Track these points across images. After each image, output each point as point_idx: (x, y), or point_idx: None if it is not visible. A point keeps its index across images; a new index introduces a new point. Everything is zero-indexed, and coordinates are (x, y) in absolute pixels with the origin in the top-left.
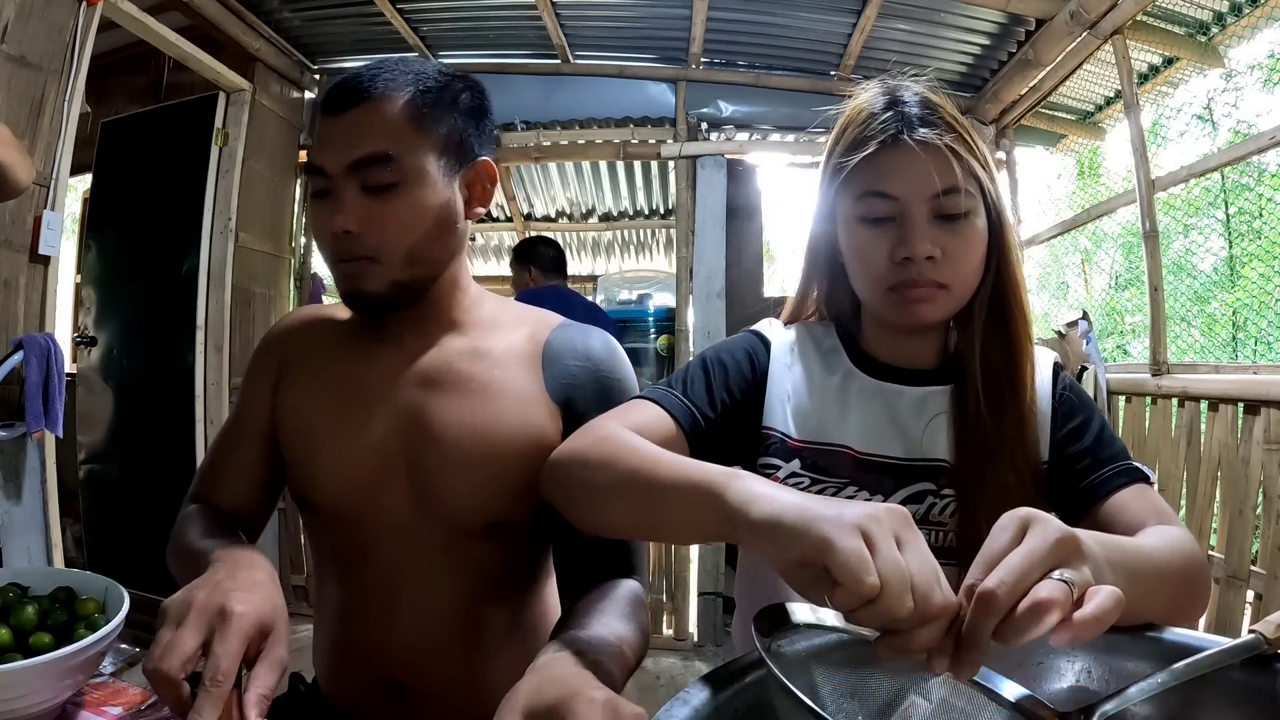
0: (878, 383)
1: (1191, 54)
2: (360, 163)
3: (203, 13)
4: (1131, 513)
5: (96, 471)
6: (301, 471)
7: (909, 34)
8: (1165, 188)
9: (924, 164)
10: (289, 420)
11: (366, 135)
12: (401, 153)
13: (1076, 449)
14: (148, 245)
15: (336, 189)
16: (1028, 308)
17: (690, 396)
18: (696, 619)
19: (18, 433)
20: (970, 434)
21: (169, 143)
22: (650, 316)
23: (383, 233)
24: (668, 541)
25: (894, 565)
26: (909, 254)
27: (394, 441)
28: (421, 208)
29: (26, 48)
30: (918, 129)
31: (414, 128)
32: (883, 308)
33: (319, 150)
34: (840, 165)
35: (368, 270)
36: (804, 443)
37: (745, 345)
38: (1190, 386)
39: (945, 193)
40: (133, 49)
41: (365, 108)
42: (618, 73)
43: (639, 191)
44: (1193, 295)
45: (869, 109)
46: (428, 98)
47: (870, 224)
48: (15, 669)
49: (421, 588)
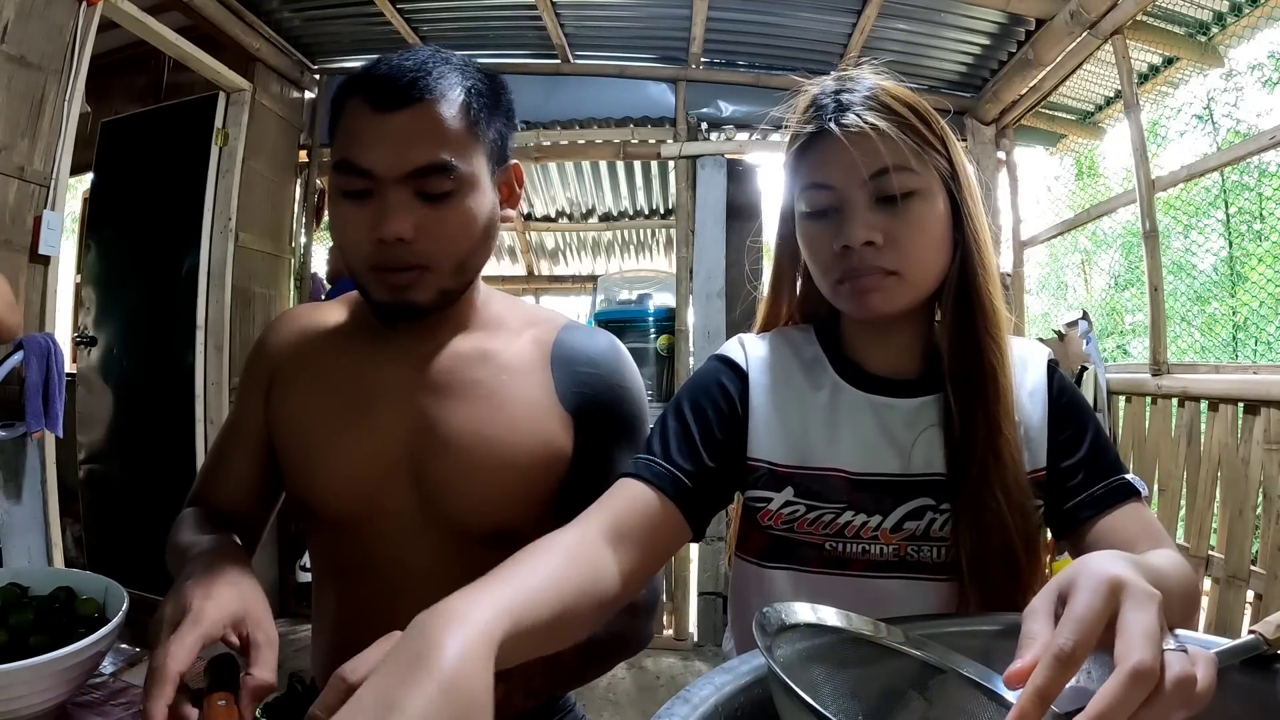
0: (868, 396)
1: (1191, 54)
2: (420, 171)
3: (203, 13)
4: (1125, 533)
5: (96, 471)
6: (300, 478)
7: (909, 34)
8: (1165, 188)
9: (850, 150)
10: (286, 427)
11: (427, 140)
12: (460, 160)
13: (1069, 463)
14: (148, 245)
15: (385, 193)
16: (996, 297)
17: (671, 459)
18: (696, 619)
19: (18, 432)
20: (959, 445)
21: (169, 142)
22: (650, 316)
23: (439, 241)
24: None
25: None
26: (846, 242)
27: (399, 447)
28: (475, 216)
29: (26, 47)
30: (845, 115)
31: (471, 133)
32: (836, 301)
33: (362, 149)
34: (787, 161)
35: (420, 280)
36: (794, 468)
37: (717, 379)
38: (1190, 386)
39: (876, 175)
40: (133, 49)
41: (424, 109)
42: (618, 73)
43: (639, 191)
44: (1193, 295)
45: (798, 105)
46: (482, 100)
47: (815, 217)
48: (15, 669)
49: (422, 593)
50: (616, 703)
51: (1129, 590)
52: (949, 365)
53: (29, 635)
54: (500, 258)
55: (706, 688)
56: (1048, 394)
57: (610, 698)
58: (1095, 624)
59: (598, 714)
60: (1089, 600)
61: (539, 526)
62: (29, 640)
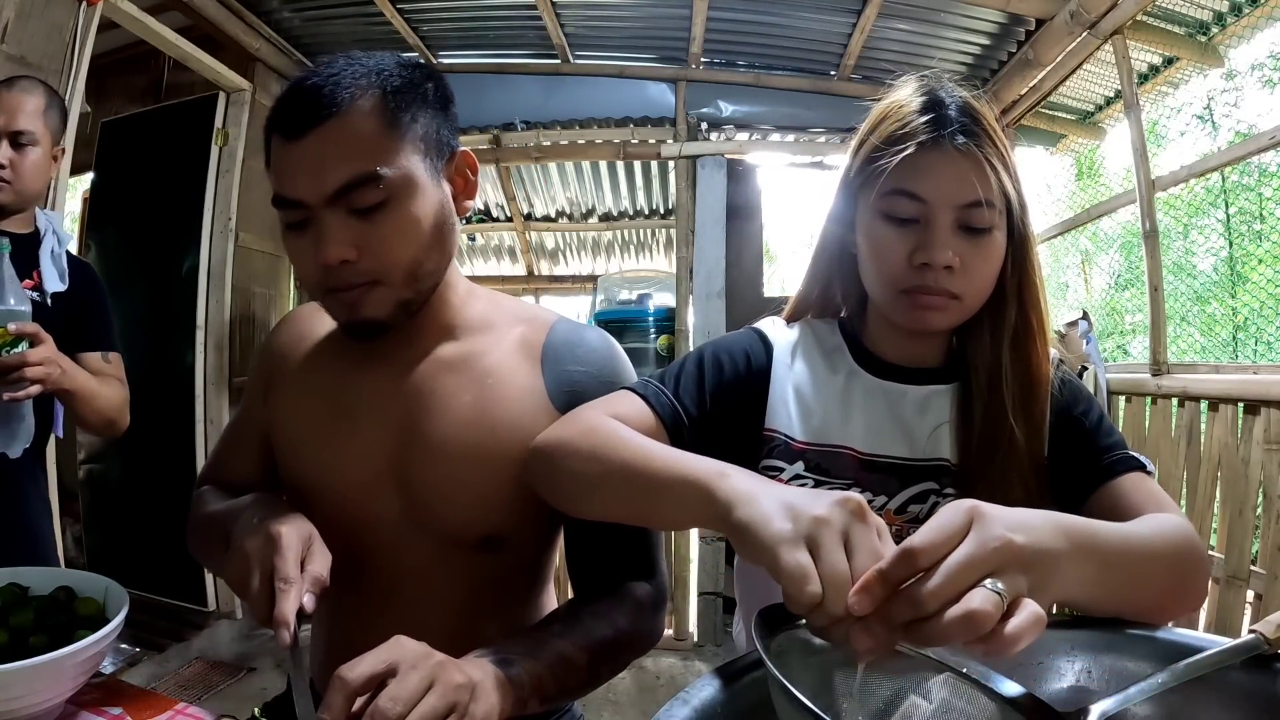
0: (881, 382)
1: (1191, 54)
2: (344, 189)
3: (202, 13)
4: (1129, 500)
5: (96, 471)
6: (292, 480)
7: (909, 34)
8: (1165, 188)
9: (959, 172)
10: (279, 429)
11: (343, 156)
12: (386, 166)
13: (1075, 437)
14: (148, 245)
15: (318, 219)
16: (1049, 326)
17: (679, 394)
18: (696, 619)
19: None
20: (974, 436)
21: (169, 142)
22: (650, 316)
23: (383, 255)
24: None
25: (835, 571)
26: (928, 260)
27: (384, 454)
28: (417, 219)
29: (26, 47)
30: (959, 136)
31: (392, 134)
32: (892, 308)
33: (286, 179)
34: (873, 158)
35: (369, 296)
36: (807, 444)
37: (745, 344)
38: (1190, 386)
39: (973, 205)
40: (133, 48)
41: (334, 125)
42: (618, 73)
43: (639, 191)
44: (1193, 295)
45: (909, 106)
46: (398, 97)
47: (893, 222)
48: (15, 669)
49: (415, 599)
50: (616, 703)
51: (976, 524)
52: (992, 371)
53: (29, 635)
54: (500, 258)
55: (706, 689)
56: (1049, 387)
57: (610, 698)
58: (940, 535)
59: (597, 714)
60: (943, 517)
61: (529, 531)
62: (29, 640)
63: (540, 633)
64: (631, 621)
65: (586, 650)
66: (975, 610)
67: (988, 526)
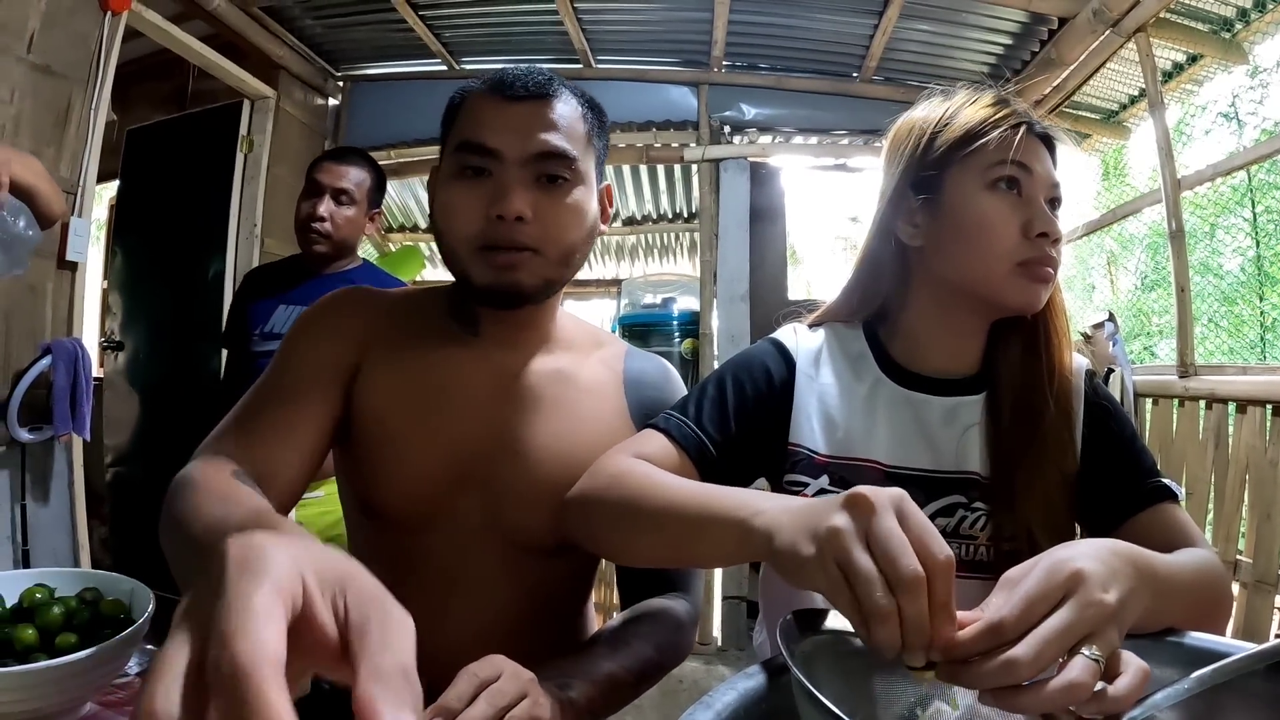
0: (906, 392)
1: (1215, 51)
2: (543, 155)
3: (226, 21)
4: (1164, 530)
5: (123, 474)
6: (372, 474)
7: (931, 35)
8: (1191, 187)
9: (1046, 157)
10: (368, 418)
11: (552, 129)
12: (578, 156)
13: (1110, 461)
14: (173, 251)
15: (505, 173)
16: (1066, 312)
17: (701, 422)
18: (720, 623)
19: (45, 436)
20: (1004, 447)
21: (194, 149)
22: (674, 320)
23: (552, 225)
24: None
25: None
26: (1048, 229)
27: (474, 456)
28: (584, 210)
29: (51, 57)
30: (1036, 126)
31: (586, 138)
32: (1003, 287)
33: (488, 130)
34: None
35: (528, 262)
36: (831, 458)
37: (765, 360)
38: (1218, 388)
39: (1057, 185)
40: (157, 57)
41: (552, 102)
42: (639, 77)
43: (662, 195)
44: (1220, 296)
45: (981, 99)
46: (594, 116)
47: (1002, 193)
48: (41, 669)
49: (475, 601)
50: (639, 707)
51: (1081, 589)
52: (1015, 373)
53: (56, 635)
54: None
55: (729, 694)
56: (1084, 398)
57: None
58: (1034, 605)
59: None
60: (1039, 582)
61: None
62: (55, 640)
63: (592, 654)
64: (672, 640)
65: (633, 672)
66: (1076, 682)
67: (1088, 590)
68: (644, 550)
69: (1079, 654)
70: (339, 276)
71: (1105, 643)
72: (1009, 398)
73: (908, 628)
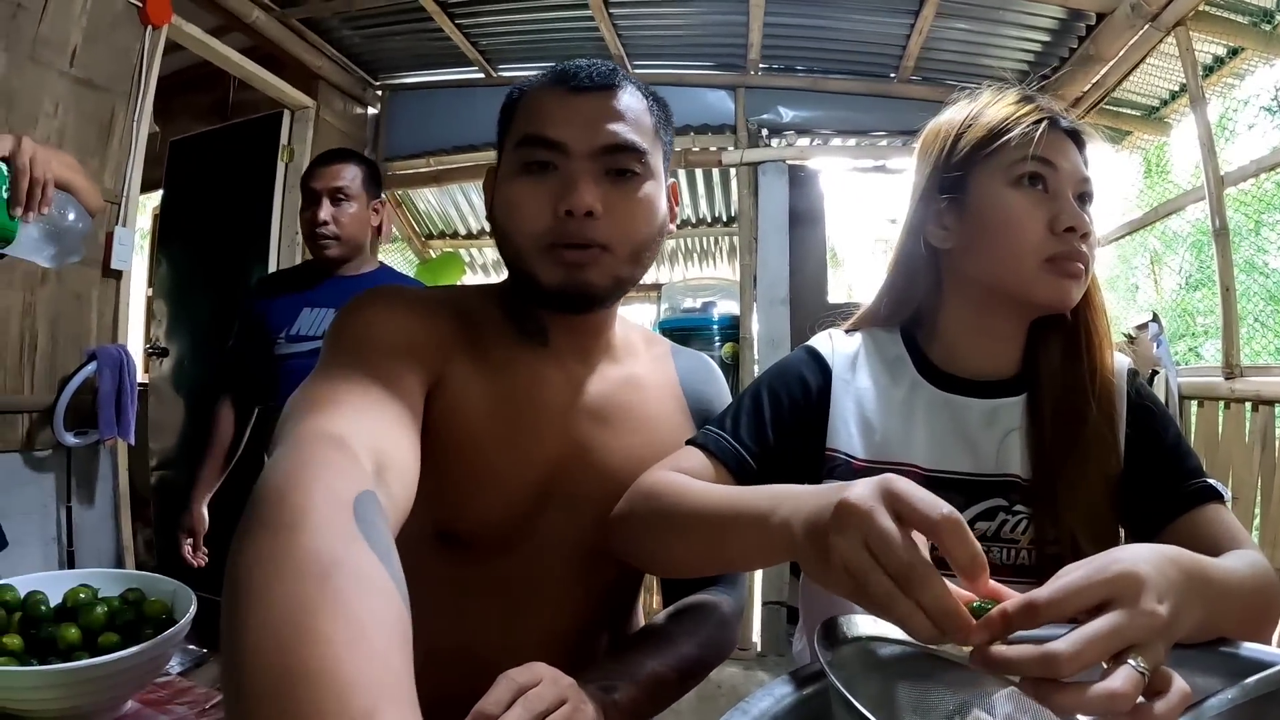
0: (945, 395)
1: (1256, 43)
2: (612, 148)
3: (265, 33)
4: (1211, 532)
5: (167, 478)
6: (455, 493)
7: (968, 33)
8: (1235, 183)
9: (1074, 152)
10: (455, 426)
11: (620, 120)
12: (648, 149)
13: (1154, 462)
14: (216, 259)
15: (572, 167)
16: (1107, 312)
17: (739, 435)
18: (760, 628)
19: (91, 440)
20: (1046, 449)
21: (236, 159)
22: (714, 325)
23: (622, 220)
24: (746, 570)
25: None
26: (1074, 223)
27: (558, 473)
28: (655, 205)
29: (94, 71)
30: (1062, 121)
31: (654, 132)
32: (1031, 283)
33: (552, 124)
34: (991, 138)
35: (598, 259)
36: (868, 463)
37: (801, 369)
38: (1264, 390)
39: (1086, 180)
40: (198, 69)
41: (618, 95)
42: (676, 81)
43: (701, 199)
44: (1266, 295)
45: (1006, 98)
46: (660, 111)
47: (1026, 189)
48: (83, 667)
49: (548, 611)
50: (676, 711)
51: (1137, 597)
52: (1056, 372)
53: (98, 635)
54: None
55: (766, 700)
56: (1126, 399)
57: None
58: (1072, 592)
59: None
60: (1083, 572)
61: None
62: (98, 640)
63: (636, 653)
64: (715, 637)
65: (677, 670)
66: (1119, 692)
67: (1142, 599)
68: (681, 557)
69: (1125, 663)
70: (363, 278)
71: (1152, 656)
72: (1050, 399)
73: (931, 614)
